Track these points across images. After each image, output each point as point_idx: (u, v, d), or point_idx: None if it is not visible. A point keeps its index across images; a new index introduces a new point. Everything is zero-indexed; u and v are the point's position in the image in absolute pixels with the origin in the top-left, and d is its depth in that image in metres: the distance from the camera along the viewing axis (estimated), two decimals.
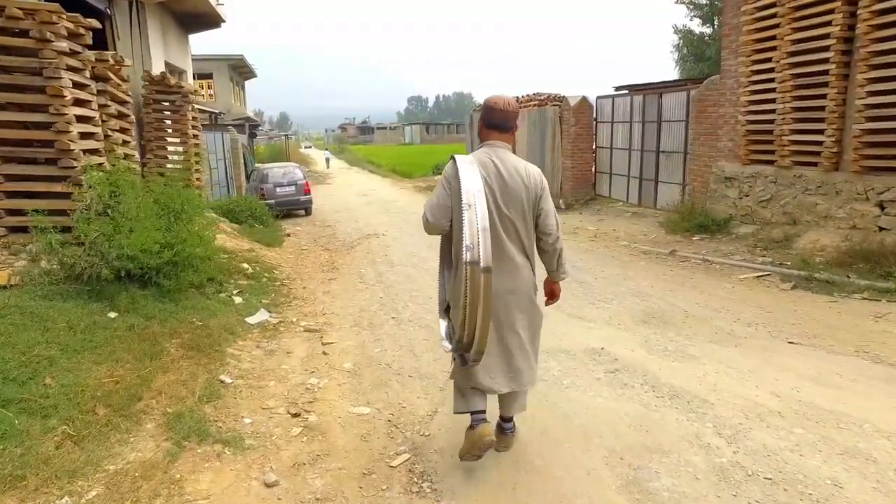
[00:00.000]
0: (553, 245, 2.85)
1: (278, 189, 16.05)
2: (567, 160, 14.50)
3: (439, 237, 2.94)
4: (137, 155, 7.04)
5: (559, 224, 2.85)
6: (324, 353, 4.87)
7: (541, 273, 2.96)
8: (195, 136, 10.06)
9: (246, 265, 7.58)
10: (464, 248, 2.40)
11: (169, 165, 9.62)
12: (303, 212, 16.44)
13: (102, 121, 6.02)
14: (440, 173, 27.96)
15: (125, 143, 6.59)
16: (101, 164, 5.62)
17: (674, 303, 5.93)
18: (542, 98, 16.67)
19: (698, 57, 28.70)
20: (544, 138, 15.47)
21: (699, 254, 8.13)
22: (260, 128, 34.70)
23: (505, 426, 3.09)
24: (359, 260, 9.17)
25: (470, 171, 2.57)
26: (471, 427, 2.85)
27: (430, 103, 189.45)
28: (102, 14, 8.56)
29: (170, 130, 9.70)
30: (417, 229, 7.05)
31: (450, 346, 2.83)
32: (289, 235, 11.89)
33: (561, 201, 14.07)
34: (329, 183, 29.13)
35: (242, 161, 22.56)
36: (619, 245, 9.38)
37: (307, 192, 16.37)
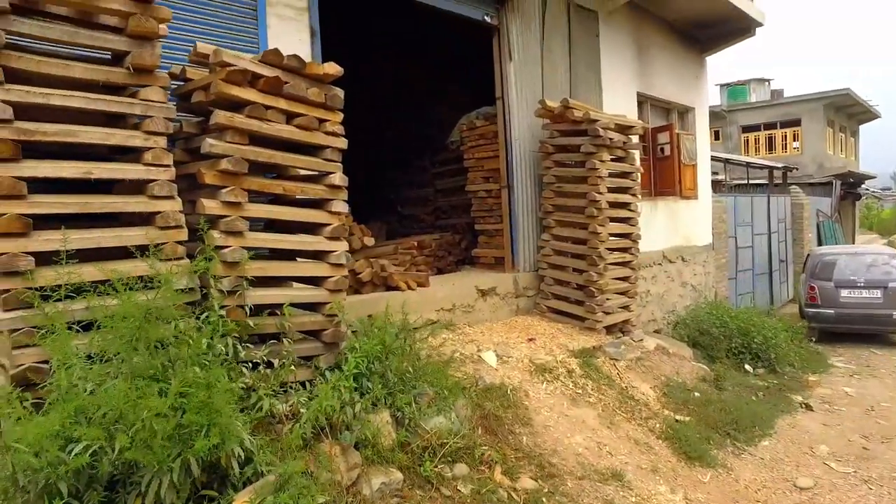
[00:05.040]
0: None
1: (844, 292, 9.32)
2: None
3: None
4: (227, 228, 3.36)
5: None
6: None
7: None
8: (627, 207, 5.70)
9: None
10: None
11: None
12: None
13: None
14: None
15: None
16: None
17: None
18: None
19: None
20: None
21: None
22: (866, 187, 25.25)
23: None
24: None
25: None
26: None
27: None
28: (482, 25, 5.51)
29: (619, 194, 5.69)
30: None
31: None
32: (807, 408, 5.74)
33: None
34: None
35: (817, 236, 15.81)
36: None
37: None
